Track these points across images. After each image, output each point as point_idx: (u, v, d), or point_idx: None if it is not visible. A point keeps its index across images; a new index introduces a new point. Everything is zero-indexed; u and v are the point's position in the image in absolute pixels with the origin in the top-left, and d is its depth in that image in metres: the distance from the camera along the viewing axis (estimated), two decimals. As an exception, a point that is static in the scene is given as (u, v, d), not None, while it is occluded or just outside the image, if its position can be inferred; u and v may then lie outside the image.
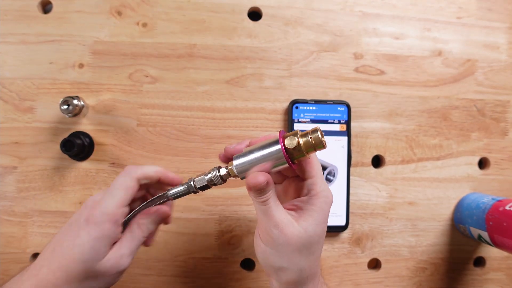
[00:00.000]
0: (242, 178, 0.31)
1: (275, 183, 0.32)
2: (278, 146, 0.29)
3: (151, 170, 0.33)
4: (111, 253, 0.30)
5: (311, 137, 0.29)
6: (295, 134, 0.29)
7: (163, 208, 0.33)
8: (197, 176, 0.32)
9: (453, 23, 0.47)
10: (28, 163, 0.42)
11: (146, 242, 0.36)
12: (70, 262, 0.29)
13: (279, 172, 0.32)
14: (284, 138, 0.29)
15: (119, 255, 0.30)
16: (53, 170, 0.42)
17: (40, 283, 0.29)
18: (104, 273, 0.30)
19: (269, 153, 0.29)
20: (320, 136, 0.29)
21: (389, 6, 0.46)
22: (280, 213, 0.29)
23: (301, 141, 0.29)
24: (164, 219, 0.34)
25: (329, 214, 0.31)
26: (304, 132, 0.29)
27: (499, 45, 0.48)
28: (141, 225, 0.32)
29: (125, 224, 0.32)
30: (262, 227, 0.30)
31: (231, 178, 0.32)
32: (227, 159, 0.33)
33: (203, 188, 0.32)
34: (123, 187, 0.31)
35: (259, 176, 0.28)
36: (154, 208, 0.33)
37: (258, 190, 0.29)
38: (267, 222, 0.29)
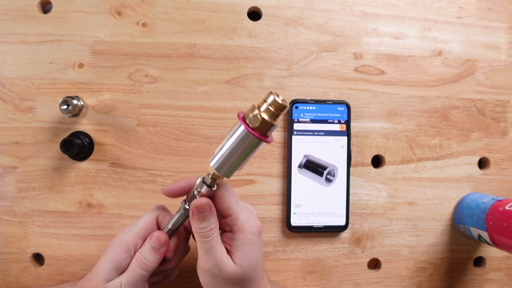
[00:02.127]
0: (228, 177, 0.31)
1: None
2: (244, 129, 0.28)
3: (167, 218, 0.34)
4: (116, 278, 0.32)
5: (269, 105, 0.28)
6: (253, 110, 0.28)
7: (155, 233, 0.33)
8: (187, 197, 0.33)
9: (453, 23, 0.47)
10: (28, 163, 0.42)
11: (168, 278, 0.37)
12: (90, 276, 0.33)
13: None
14: (245, 119, 0.28)
15: (119, 281, 0.32)
16: (53, 170, 0.42)
17: None
18: None
19: (238, 139, 0.28)
20: (277, 99, 0.27)
21: (389, 6, 0.46)
22: (220, 253, 0.31)
23: (263, 113, 0.28)
24: (162, 244, 0.33)
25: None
26: (260, 103, 0.28)
27: (499, 45, 0.48)
28: (136, 255, 0.33)
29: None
30: (202, 263, 0.32)
31: (219, 180, 0.32)
32: (171, 194, 0.33)
33: None
34: (143, 221, 0.34)
35: (202, 199, 0.31)
36: (148, 237, 0.33)
37: (201, 213, 0.30)
38: (208, 261, 0.31)
